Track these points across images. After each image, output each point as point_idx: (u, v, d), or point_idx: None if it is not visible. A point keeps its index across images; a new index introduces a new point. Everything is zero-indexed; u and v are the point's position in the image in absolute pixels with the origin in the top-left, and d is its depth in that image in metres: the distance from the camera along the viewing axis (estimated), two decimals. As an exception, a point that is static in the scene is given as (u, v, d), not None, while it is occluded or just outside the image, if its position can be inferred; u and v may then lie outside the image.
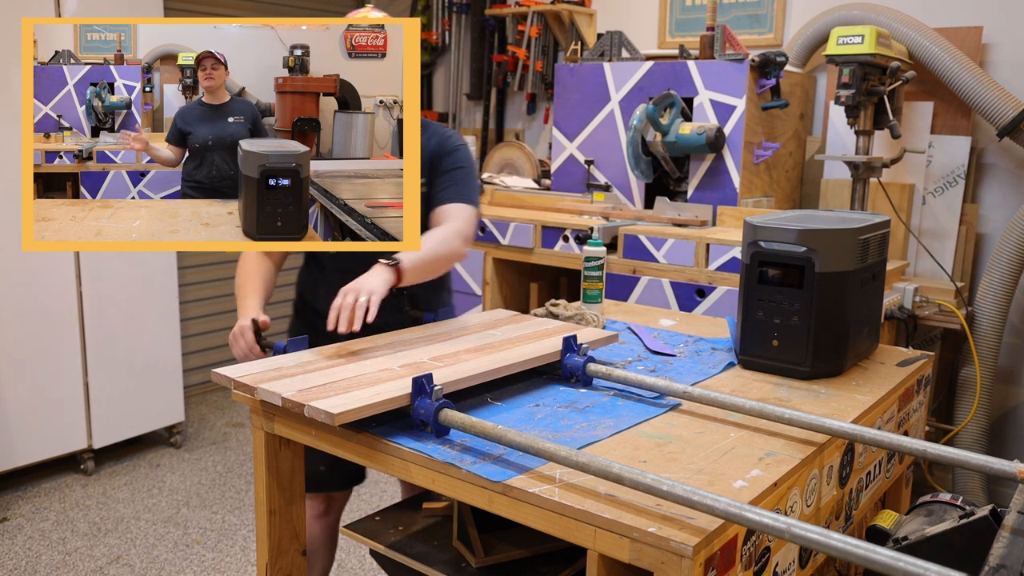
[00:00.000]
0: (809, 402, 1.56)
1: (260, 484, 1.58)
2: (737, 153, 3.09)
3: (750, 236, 1.73)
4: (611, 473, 1.13)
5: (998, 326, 2.94)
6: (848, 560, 0.97)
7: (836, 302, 1.68)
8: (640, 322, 2.14)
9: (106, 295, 3.45)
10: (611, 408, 1.50)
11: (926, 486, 3.08)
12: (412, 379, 1.36)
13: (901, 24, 3.05)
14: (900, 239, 3.09)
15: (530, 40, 4.18)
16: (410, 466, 1.31)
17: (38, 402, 3.29)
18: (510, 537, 1.59)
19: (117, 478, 3.50)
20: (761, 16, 3.62)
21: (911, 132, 3.15)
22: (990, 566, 1.03)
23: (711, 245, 2.82)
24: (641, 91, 3.31)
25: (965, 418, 3.00)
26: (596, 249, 2.18)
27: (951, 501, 1.44)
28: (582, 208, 3.39)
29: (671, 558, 1.03)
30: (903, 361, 1.85)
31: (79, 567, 2.81)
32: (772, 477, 1.23)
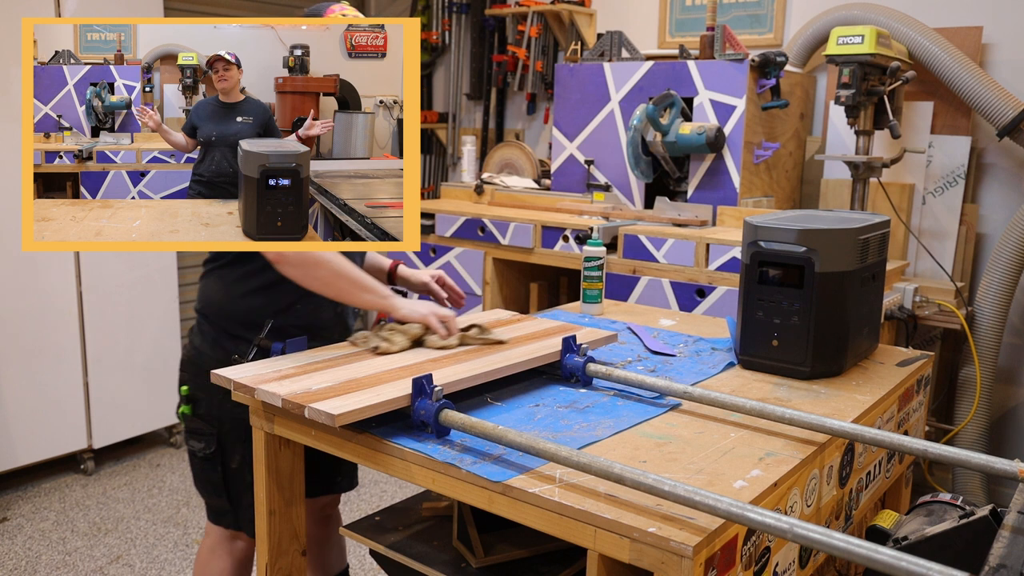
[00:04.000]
0: (809, 402, 1.56)
1: (260, 484, 1.58)
2: (737, 153, 3.09)
3: (750, 236, 1.73)
4: (612, 473, 1.13)
5: (998, 326, 2.94)
6: (850, 560, 0.97)
7: (836, 302, 1.68)
8: (640, 322, 2.14)
9: (106, 295, 3.45)
10: (611, 408, 1.50)
11: (926, 486, 3.08)
12: (412, 380, 1.36)
13: (901, 24, 3.05)
14: (900, 239, 3.09)
15: (530, 40, 4.18)
16: (410, 466, 1.31)
17: (38, 402, 3.29)
18: (510, 537, 1.59)
19: (117, 478, 3.50)
20: (761, 16, 3.62)
21: (911, 132, 3.15)
22: (990, 566, 1.03)
23: (711, 245, 2.82)
24: (641, 91, 3.31)
25: (965, 418, 3.00)
26: (596, 249, 2.18)
27: (951, 501, 1.44)
28: (582, 208, 3.39)
29: (671, 558, 1.03)
30: (903, 361, 1.85)
31: (79, 567, 2.81)
32: (772, 477, 1.23)
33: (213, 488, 1.84)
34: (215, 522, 1.89)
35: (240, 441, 1.77)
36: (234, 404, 1.73)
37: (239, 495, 1.82)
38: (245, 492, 1.79)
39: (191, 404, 1.80)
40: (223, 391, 1.72)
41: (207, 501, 1.89)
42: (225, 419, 1.77)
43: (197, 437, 1.81)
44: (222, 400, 1.73)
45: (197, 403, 1.80)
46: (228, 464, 1.81)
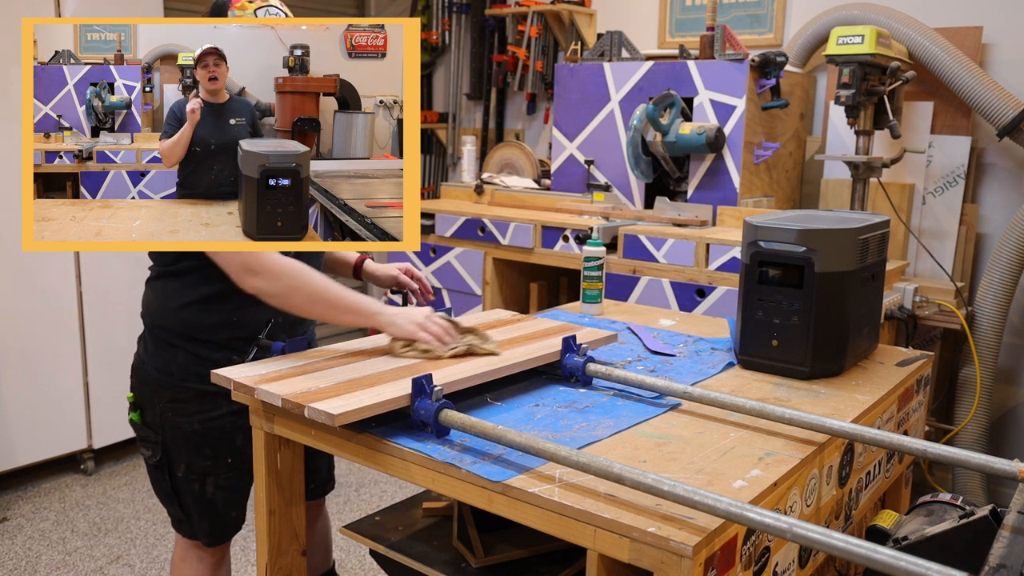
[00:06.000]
0: (809, 402, 1.56)
1: (260, 484, 1.58)
2: (737, 153, 3.09)
3: (750, 236, 1.73)
4: (612, 473, 1.13)
5: (998, 326, 2.94)
6: (850, 560, 0.97)
7: (836, 302, 1.68)
8: (640, 322, 2.14)
9: (106, 295, 3.45)
10: (611, 408, 1.50)
11: (926, 486, 3.08)
12: (412, 380, 1.36)
13: (901, 24, 3.05)
14: (900, 239, 3.09)
15: (530, 40, 4.18)
16: (410, 466, 1.31)
17: (38, 402, 3.29)
18: (510, 537, 1.59)
19: (117, 478, 3.50)
20: (761, 16, 3.62)
21: (911, 132, 3.15)
22: (990, 566, 1.03)
23: (711, 245, 2.82)
24: (641, 91, 3.31)
25: (965, 418, 3.00)
26: (596, 249, 2.18)
27: (951, 501, 1.44)
28: (582, 208, 3.39)
29: (671, 558, 1.03)
30: (903, 361, 1.85)
31: (79, 567, 2.81)
32: (772, 477, 1.23)
33: (165, 496, 1.80)
34: (176, 530, 1.85)
35: (182, 449, 1.74)
36: (175, 414, 1.72)
37: (189, 504, 1.78)
38: (194, 500, 1.77)
39: (138, 411, 1.77)
40: (164, 401, 1.72)
41: (166, 509, 1.85)
42: (167, 428, 1.73)
43: (145, 445, 1.78)
44: (163, 410, 1.72)
45: (144, 411, 1.76)
46: (175, 472, 1.76)
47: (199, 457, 1.73)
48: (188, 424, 1.71)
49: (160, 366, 1.72)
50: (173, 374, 1.70)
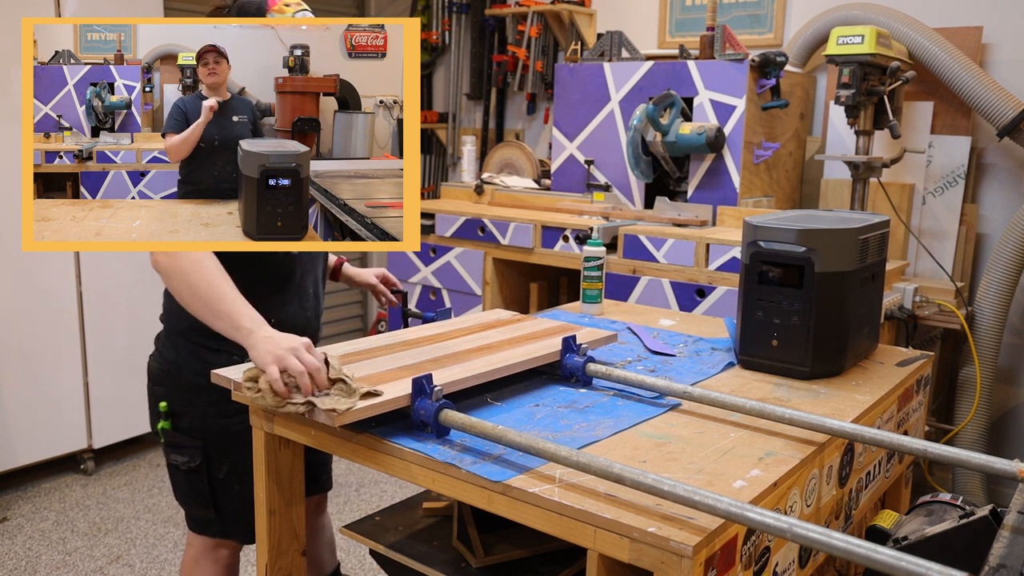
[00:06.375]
0: (809, 402, 1.56)
1: (260, 484, 1.58)
2: (737, 153, 3.09)
3: (750, 236, 1.73)
4: (612, 473, 1.13)
5: (998, 326, 2.94)
6: (850, 560, 0.97)
7: (836, 302, 1.68)
8: (640, 322, 2.14)
9: (106, 295, 3.45)
10: (611, 408, 1.50)
11: (926, 486, 3.08)
12: (412, 380, 1.36)
13: (901, 24, 3.05)
14: (900, 239, 3.09)
15: (530, 40, 4.18)
16: (410, 466, 1.31)
17: (38, 402, 3.29)
18: (510, 537, 1.59)
19: (117, 478, 3.50)
20: (761, 16, 3.62)
21: (911, 132, 3.15)
22: (990, 566, 1.03)
23: (711, 245, 2.82)
24: (641, 91, 3.31)
25: (965, 418, 3.00)
26: (596, 249, 2.18)
27: (951, 501, 1.44)
28: (582, 208, 3.39)
29: (671, 558, 1.04)
30: (903, 361, 1.85)
31: (79, 567, 2.81)
32: (772, 477, 1.23)
33: (199, 499, 1.79)
34: (198, 532, 1.83)
35: (226, 450, 1.73)
36: (220, 415, 1.71)
37: (226, 504, 1.78)
38: (232, 500, 1.76)
39: (171, 419, 1.75)
40: (207, 403, 1.70)
41: (190, 512, 1.83)
42: (211, 430, 1.73)
43: (180, 451, 1.76)
44: (205, 412, 1.71)
45: (178, 417, 1.75)
46: (215, 475, 1.76)
47: (244, 457, 1.70)
48: (234, 425, 1.71)
49: (199, 369, 1.70)
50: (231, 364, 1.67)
